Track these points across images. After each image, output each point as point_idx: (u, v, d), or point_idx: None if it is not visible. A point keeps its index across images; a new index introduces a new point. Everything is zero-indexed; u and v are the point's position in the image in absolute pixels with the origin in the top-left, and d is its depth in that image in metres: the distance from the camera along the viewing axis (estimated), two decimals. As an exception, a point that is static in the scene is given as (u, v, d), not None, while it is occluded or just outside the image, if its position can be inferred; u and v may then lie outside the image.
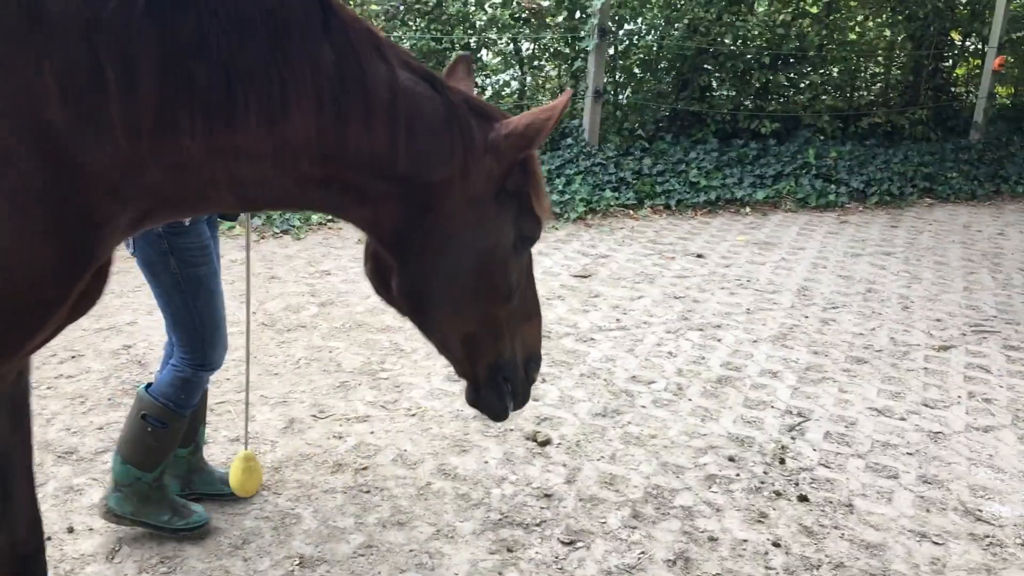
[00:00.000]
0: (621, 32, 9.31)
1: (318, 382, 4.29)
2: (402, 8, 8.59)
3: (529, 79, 9.64)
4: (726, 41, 9.36)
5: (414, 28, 8.52)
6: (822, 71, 10.27)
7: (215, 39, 1.55)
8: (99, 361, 4.34)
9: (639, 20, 9.47)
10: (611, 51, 9.04)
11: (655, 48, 9.60)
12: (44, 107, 1.46)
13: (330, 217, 6.91)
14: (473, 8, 8.93)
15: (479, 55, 9.32)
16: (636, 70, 9.66)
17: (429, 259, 1.91)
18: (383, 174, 1.78)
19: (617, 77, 9.50)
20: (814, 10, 10.43)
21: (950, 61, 11.34)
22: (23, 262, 1.50)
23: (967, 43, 11.37)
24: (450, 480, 3.53)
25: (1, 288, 1.50)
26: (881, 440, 3.98)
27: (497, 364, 2.12)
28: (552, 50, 9.43)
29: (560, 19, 9.21)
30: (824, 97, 10.27)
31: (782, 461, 3.77)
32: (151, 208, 1.67)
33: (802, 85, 10.09)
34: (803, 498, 3.50)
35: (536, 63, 9.68)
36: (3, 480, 1.94)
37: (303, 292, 5.47)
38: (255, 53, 1.58)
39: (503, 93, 9.44)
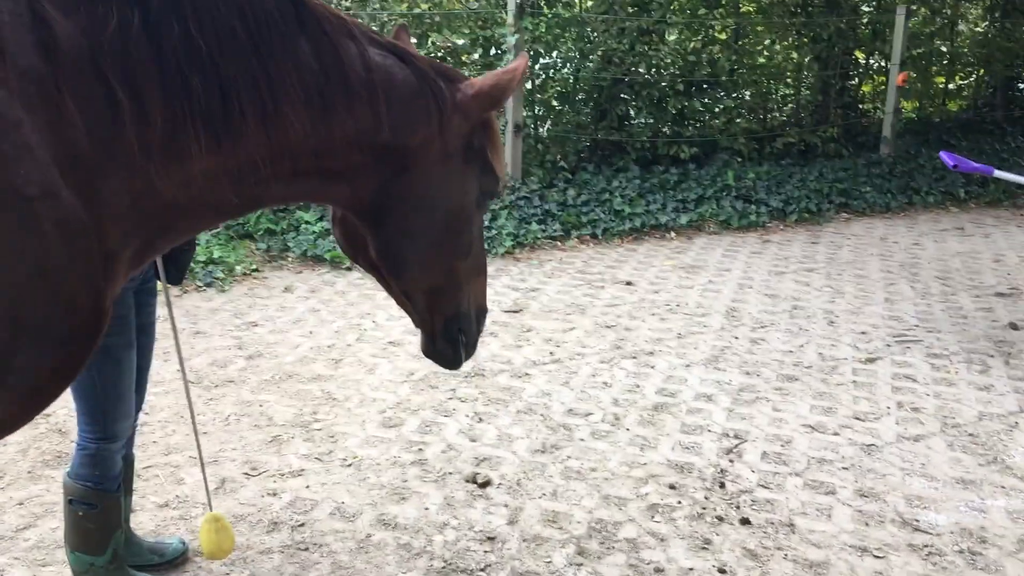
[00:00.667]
0: (537, 66, 9.41)
1: (249, 438, 4.17)
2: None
3: (449, 117, 9.67)
4: (640, 70, 9.53)
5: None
6: (735, 95, 10.53)
7: (201, 47, 1.61)
8: (16, 432, 4.15)
9: (554, 54, 9.59)
10: (528, 85, 9.13)
11: (572, 80, 9.72)
12: (73, 138, 1.51)
13: (255, 267, 6.79)
14: (389, 49, 8.94)
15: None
16: (554, 103, 9.77)
17: (404, 220, 2.02)
18: (365, 148, 1.89)
19: (536, 111, 9.59)
20: (723, 36, 10.71)
21: (856, 79, 11.73)
22: (78, 295, 1.54)
23: (871, 61, 11.78)
24: (391, 530, 3.45)
25: (62, 322, 1.52)
26: (817, 456, 4.03)
27: (455, 316, 2.26)
28: (470, 87, 9.47)
29: (476, 56, 9.27)
30: (739, 120, 10.52)
31: (722, 485, 3.78)
32: (155, 236, 1.73)
33: (717, 109, 10.32)
34: (745, 521, 3.51)
35: (455, 101, 9.70)
36: None
37: (229, 346, 5.35)
38: (240, 57, 1.65)
39: (424, 132, 9.43)
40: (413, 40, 8.68)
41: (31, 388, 1.56)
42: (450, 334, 2.29)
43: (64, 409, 4.34)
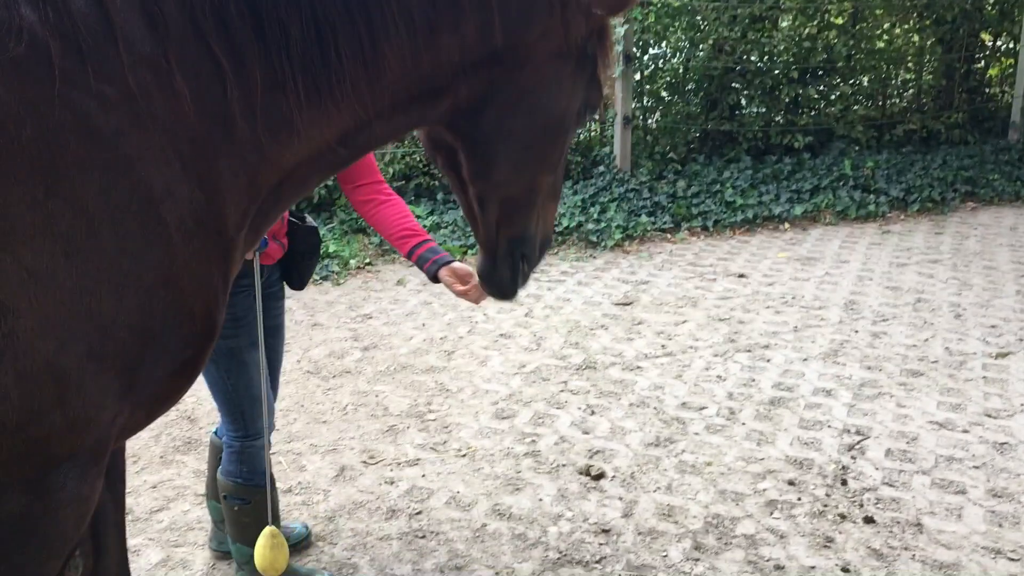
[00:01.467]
0: (646, 57, 9.31)
1: (366, 427, 4.27)
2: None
3: (557, 110, 9.66)
4: (752, 58, 9.32)
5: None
6: (852, 81, 10.17)
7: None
8: (149, 419, 4.35)
9: (663, 44, 9.46)
10: (637, 77, 9.04)
11: (681, 70, 9.58)
12: (188, 121, 1.46)
13: (368, 261, 6.93)
14: (497, 44, 8.97)
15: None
16: (664, 94, 9.64)
17: (505, 117, 1.88)
18: (475, 60, 1.77)
19: (645, 102, 9.48)
20: (839, 21, 10.36)
21: (982, 62, 11.17)
22: (197, 299, 1.51)
23: (998, 43, 11.21)
24: (505, 520, 3.47)
25: (182, 329, 1.50)
26: (945, 455, 3.87)
27: (521, 238, 2.13)
28: (578, 80, 9.44)
29: (584, 48, 9.22)
30: (856, 107, 10.15)
31: (844, 482, 3.67)
32: (268, 207, 1.69)
33: (833, 97, 9.99)
34: (869, 519, 3.40)
35: (563, 94, 9.68)
36: (96, 537, 1.93)
37: (346, 337, 5.48)
38: None
39: (532, 125, 9.44)
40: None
41: (153, 395, 1.56)
42: (512, 257, 2.17)
43: (192, 398, 4.53)
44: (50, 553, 1.51)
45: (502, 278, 2.20)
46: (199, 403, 4.47)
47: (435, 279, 2.90)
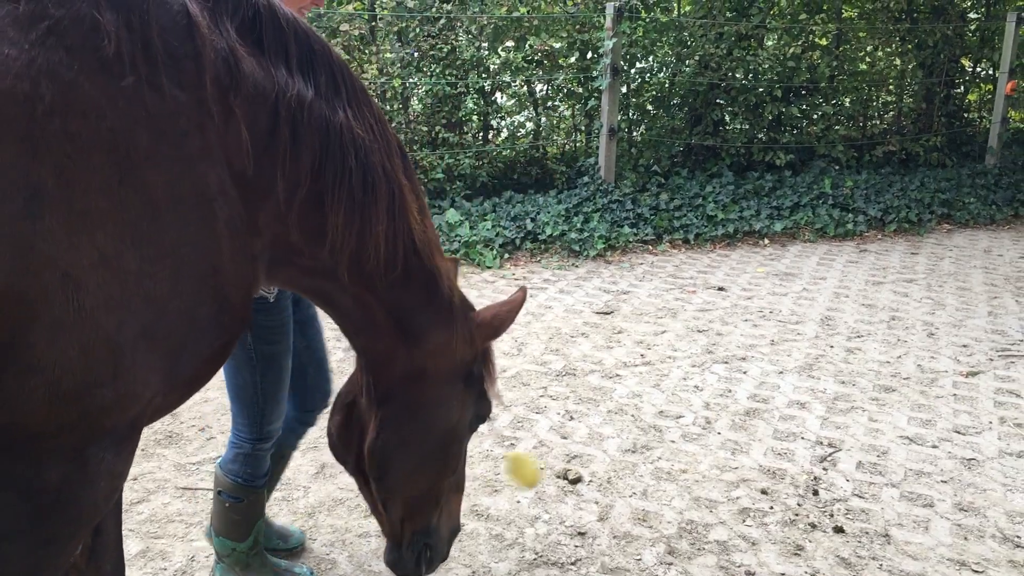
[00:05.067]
0: (633, 71, 9.42)
1: (347, 426, 4.30)
2: (416, 55, 8.72)
3: (544, 120, 9.75)
4: (737, 76, 9.45)
5: (429, 74, 8.63)
6: (834, 102, 10.33)
7: (357, 139, 1.84)
8: (130, 412, 4.36)
9: (650, 58, 9.58)
10: (624, 89, 9.14)
11: (667, 85, 9.70)
12: (238, 155, 1.66)
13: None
14: (487, 52, 9.06)
15: (494, 98, 9.42)
16: (649, 107, 9.76)
17: (403, 425, 2.20)
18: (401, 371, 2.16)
19: (631, 115, 9.59)
20: (823, 42, 10.53)
21: (962, 87, 11.39)
22: (237, 289, 1.68)
23: (978, 69, 11.43)
24: (483, 521, 3.53)
25: (222, 316, 1.65)
26: (914, 469, 3.96)
27: (425, 530, 2.39)
28: (566, 90, 9.54)
29: (572, 60, 9.32)
30: (837, 127, 10.32)
31: (815, 492, 3.75)
32: (269, 270, 1.88)
33: (815, 116, 10.15)
34: (839, 529, 3.48)
35: (550, 103, 9.78)
36: None
37: (328, 337, 5.49)
38: (377, 159, 1.89)
39: (519, 134, 9.53)
40: (511, 43, 8.70)
41: (189, 378, 1.68)
42: (416, 546, 2.39)
43: (174, 392, 4.54)
44: (82, 522, 1.61)
45: (406, 566, 2.42)
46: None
47: None
